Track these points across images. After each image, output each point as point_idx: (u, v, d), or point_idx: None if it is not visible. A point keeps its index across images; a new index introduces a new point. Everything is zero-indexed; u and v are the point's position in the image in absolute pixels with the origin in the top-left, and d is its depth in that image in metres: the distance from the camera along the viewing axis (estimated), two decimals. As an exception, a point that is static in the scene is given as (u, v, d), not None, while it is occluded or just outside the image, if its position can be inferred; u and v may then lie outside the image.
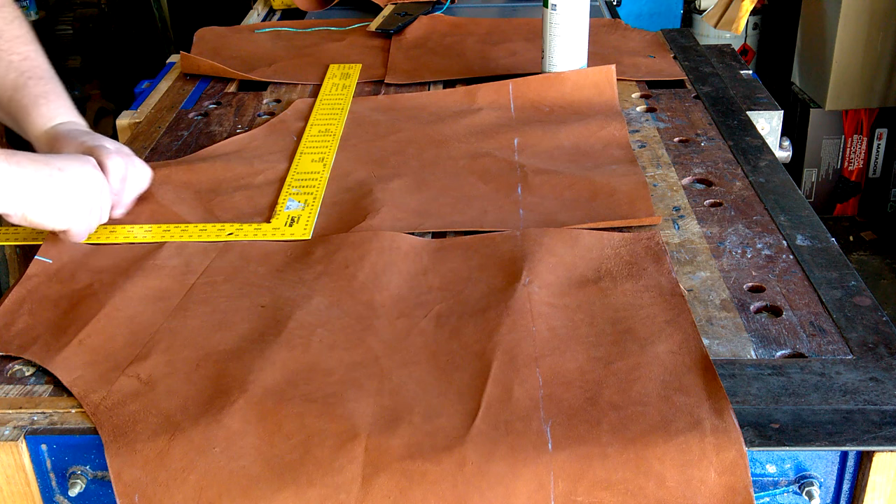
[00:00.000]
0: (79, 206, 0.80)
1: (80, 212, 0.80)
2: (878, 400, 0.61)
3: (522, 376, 0.64)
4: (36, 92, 0.92)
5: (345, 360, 0.67)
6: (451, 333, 0.69)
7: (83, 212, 0.80)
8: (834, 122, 2.48)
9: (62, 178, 0.78)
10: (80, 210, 0.80)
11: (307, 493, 0.57)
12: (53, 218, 0.79)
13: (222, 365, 0.66)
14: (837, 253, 0.79)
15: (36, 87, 0.93)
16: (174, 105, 1.17)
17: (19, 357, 0.68)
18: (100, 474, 0.62)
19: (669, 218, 0.85)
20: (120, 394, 0.64)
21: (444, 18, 1.45)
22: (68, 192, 0.79)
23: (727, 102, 1.12)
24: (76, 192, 0.79)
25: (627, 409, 0.61)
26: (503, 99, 1.12)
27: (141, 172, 0.89)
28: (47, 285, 0.77)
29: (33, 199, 0.76)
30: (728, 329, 0.69)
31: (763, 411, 0.61)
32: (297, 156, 0.99)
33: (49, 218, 0.78)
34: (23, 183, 0.76)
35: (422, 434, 0.59)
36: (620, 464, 0.57)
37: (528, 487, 0.56)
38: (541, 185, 0.92)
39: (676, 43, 1.33)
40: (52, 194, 0.78)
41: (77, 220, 0.80)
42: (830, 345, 0.67)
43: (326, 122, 1.07)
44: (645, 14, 2.30)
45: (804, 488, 0.60)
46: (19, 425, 0.62)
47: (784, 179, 0.92)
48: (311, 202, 0.89)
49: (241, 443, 0.60)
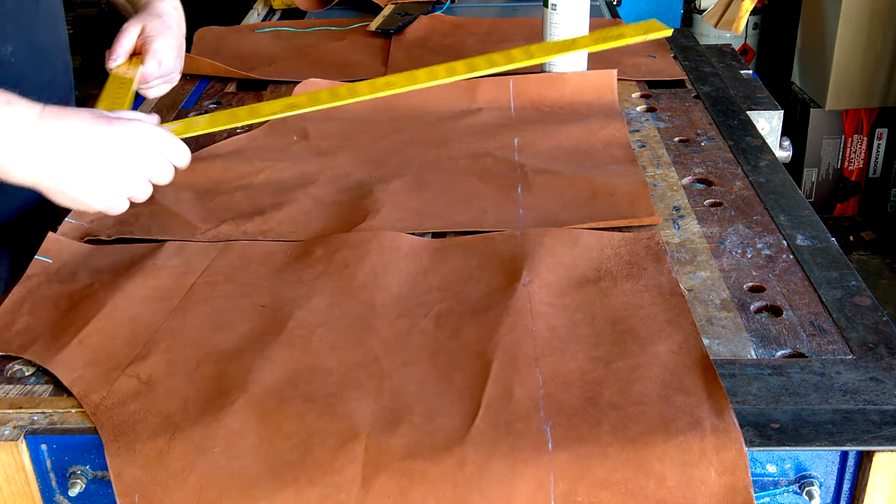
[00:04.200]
0: (117, 182, 0.72)
1: (120, 188, 0.72)
2: (878, 400, 0.61)
3: (522, 376, 0.64)
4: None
5: (345, 360, 0.67)
6: (451, 333, 0.69)
7: (124, 188, 0.72)
8: (834, 122, 2.48)
9: (101, 146, 0.70)
10: (120, 186, 0.72)
11: (307, 493, 0.57)
12: (87, 194, 0.71)
13: (222, 365, 0.66)
14: (837, 253, 0.79)
15: None
16: (174, 105, 1.17)
17: (19, 357, 0.68)
18: (100, 474, 0.62)
19: (669, 218, 0.85)
20: (120, 394, 0.64)
21: (445, 18, 1.45)
22: (106, 163, 0.70)
23: (727, 102, 1.12)
24: (115, 163, 0.71)
25: (627, 408, 0.61)
26: (503, 98, 1.12)
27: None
28: (47, 285, 0.77)
29: (62, 168, 0.69)
30: (728, 329, 0.69)
31: (763, 411, 0.61)
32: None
33: (82, 194, 0.71)
34: (51, 146, 0.68)
35: (422, 434, 0.59)
36: (620, 464, 0.57)
37: (529, 487, 0.56)
38: (541, 184, 0.92)
39: (677, 43, 1.33)
40: (84, 165, 0.70)
41: (115, 199, 0.73)
42: (830, 345, 0.67)
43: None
44: (645, 14, 2.30)
45: (804, 488, 0.60)
46: (19, 425, 0.62)
47: (784, 179, 0.92)
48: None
49: (241, 443, 0.60)
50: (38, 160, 0.69)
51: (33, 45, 0.92)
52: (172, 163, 0.76)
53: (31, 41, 0.91)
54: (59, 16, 0.97)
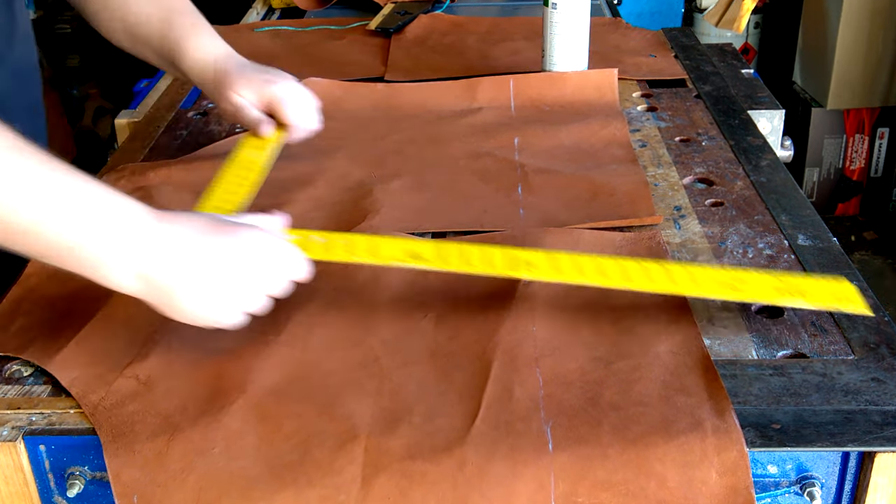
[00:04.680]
0: (232, 296, 0.63)
1: (235, 303, 0.63)
2: (879, 400, 0.61)
3: (523, 376, 0.64)
4: (187, 25, 0.89)
5: (344, 360, 0.67)
6: (451, 333, 0.69)
7: (239, 302, 0.64)
8: (835, 122, 2.47)
9: (221, 255, 0.62)
10: (235, 300, 0.63)
11: (307, 494, 0.56)
12: (198, 308, 0.62)
13: (221, 365, 0.66)
14: (839, 253, 0.78)
15: (186, 21, 0.90)
16: (173, 104, 1.16)
17: (17, 357, 0.68)
18: (98, 475, 0.62)
19: (670, 217, 0.85)
20: (118, 394, 0.64)
21: (444, 17, 1.45)
22: (221, 275, 0.62)
23: (728, 102, 1.11)
24: (231, 276, 0.62)
25: (628, 409, 0.60)
26: (503, 97, 1.12)
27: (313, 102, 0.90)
28: (45, 285, 0.77)
29: (174, 279, 0.61)
30: (729, 329, 0.69)
31: (764, 412, 0.60)
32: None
33: (193, 307, 0.62)
34: (162, 253, 0.60)
35: (422, 434, 0.59)
36: (621, 464, 0.57)
37: (529, 488, 0.56)
38: (541, 184, 0.91)
39: (677, 42, 1.33)
40: (198, 276, 0.61)
41: (229, 314, 0.64)
42: (832, 345, 0.67)
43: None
44: (646, 13, 2.30)
45: (805, 489, 0.60)
46: (17, 426, 0.62)
47: (785, 179, 0.92)
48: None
49: (241, 443, 0.59)
50: (148, 267, 0.60)
51: (16, 66, 0.89)
52: (291, 277, 0.66)
53: (14, 62, 0.89)
54: (31, 35, 0.93)
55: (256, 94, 0.88)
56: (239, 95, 0.88)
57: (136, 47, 0.93)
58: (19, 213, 0.58)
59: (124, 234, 0.60)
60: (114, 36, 0.94)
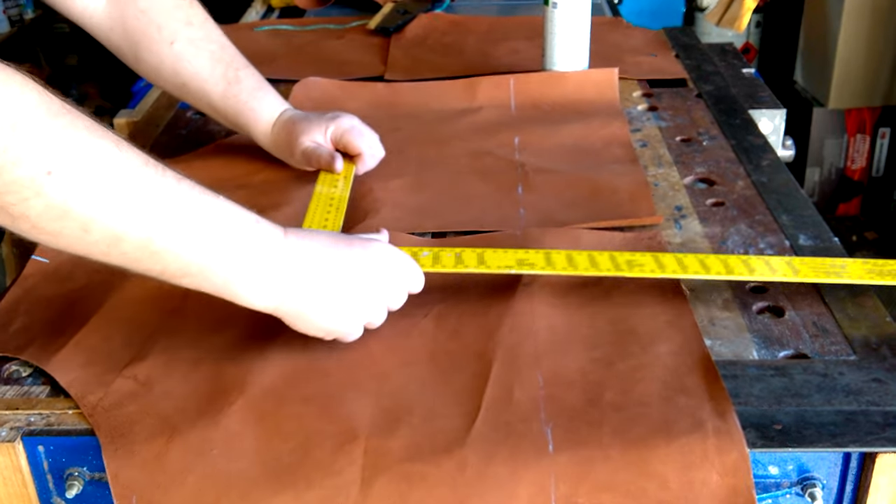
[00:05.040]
0: (358, 308, 0.65)
1: (359, 314, 0.66)
2: (881, 401, 0.61)
3: (523, 377, 0.64)
4: (251, 89, 0.92)
5: (344, 360, 0.66)
6: (451, 333, 0.69)
7: (363, 314, 0.66)
8: (837, 121, 2.47)
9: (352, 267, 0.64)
10: (360, 312, 0.66)
11: (306, 496, 0.56)
12: (328, 320, 0.64)
13: (220, 366, 0.66)
14: (840, 252, 0.78)
15: (248, 78, 0.92)
16: (172, 104, 1.16)
17: (16, 358, 0.68)
18: (97, 476, 0.62)
19: (671, 217, 0.85)
20: (117, 395, 0.63)
21: (444, 16, 1.45)
22: (349, 287, 0.64)
23: (729, 101, 1.11)
24: (357, 288, 0.64)
25: (629, 410, 0.60)
26: (504, 96, 1.12)
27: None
28: (44, 285, 0.77)
29: (306, 293, 0.62)
30: (730, 329, 0.69)
31: (765, 412, 0.60)
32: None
33: (324, 320, 0.64)
34: (295, 269, 0.62)
35: (421, 436, 0.59)
36: (622, 466, 0.57)
37: (529, 490, 0.56)
38: (541, 184, 0.91)
39: (678, 41, 1.33)
40: (328, 290, 0.63)
41: (354, 325, 0.66)
42: (833, 345, 0.67)
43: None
44: (646, 12, 2.29)
45: (807, 490, 0.59)
46: (16, 426, 0.62)
47: (786, 179, 0.91)
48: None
49: (240, 444, 0.59)
50: (281, 283, 0.61)
51: None
52: (410, 290, 0.68)
53: None
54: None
55: (325, 134, 0.92)
56: (311, 140, 0.92)
57: (186, 98, 0.94)
58: (153, 238, 0.56)
59: (256, 253, 0.60)
60: (158, 82, 0.94)
